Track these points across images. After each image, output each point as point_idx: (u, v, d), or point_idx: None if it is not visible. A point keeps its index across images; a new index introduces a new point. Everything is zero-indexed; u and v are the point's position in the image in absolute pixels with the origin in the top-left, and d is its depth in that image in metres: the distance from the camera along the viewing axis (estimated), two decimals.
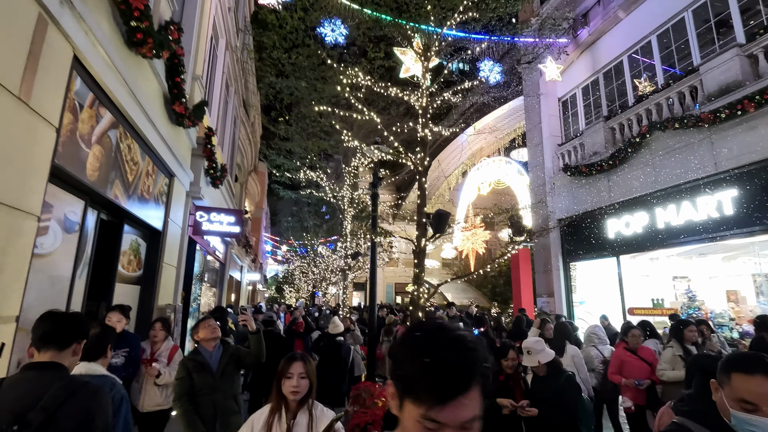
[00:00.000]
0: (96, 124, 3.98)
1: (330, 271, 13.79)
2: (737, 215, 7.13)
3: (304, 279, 20.17)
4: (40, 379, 1.61)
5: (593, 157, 10.24)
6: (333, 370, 5.69)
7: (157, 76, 5.43)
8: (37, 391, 1.56)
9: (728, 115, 7.00)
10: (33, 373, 1.64)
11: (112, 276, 5.00)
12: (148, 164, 5.54)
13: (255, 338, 3.41)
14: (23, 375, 1.64)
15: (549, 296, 11.77)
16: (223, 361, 3.25)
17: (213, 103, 10.09)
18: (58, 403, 1.54)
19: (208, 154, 8.08)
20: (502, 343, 3.51)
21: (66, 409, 1.55)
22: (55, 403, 1.54)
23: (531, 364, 3.16)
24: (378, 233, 6.49)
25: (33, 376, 1.62)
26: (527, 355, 3.21)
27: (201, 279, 10.27)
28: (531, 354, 3.17)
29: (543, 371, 3.18)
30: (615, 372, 4.59)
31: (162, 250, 6.26)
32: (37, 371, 1.65)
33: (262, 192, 30.25)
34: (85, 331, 1.88)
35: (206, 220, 7.93)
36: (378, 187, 7.46)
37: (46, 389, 1.57)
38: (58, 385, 1.59)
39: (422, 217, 5.02)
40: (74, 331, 1.79)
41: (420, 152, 5.14)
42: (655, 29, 9.51)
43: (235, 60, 13.62)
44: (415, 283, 4.87)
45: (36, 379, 1.61)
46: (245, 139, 19.04)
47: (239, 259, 17.90)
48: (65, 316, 1.84)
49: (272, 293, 44.52)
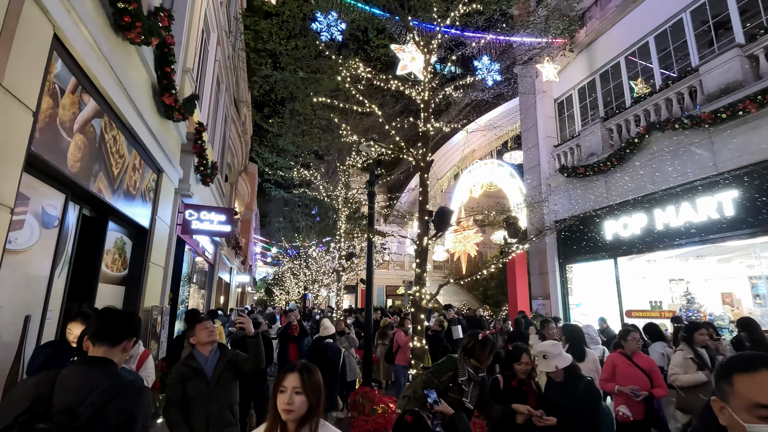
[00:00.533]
0: (78, 112, 3.70)
1: (322, 273, 13.53)
2: (738, 216, 7.07)
3: (295, 281, 19.82)
4: (92, 373, 1.71)
5: (590, 158, 10.16)
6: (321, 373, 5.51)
7: (145, 65, 5.15)
8: (89, 385, 1.65)
9: (729, 115, 6.94)
10: (86, 367, 1.74)
11: (94, 276, 4.71)
12: (134, 158, 5.25)
13: (253, 343, 3.09)
14: (77, 368, 1.73)
15: (545, 299, 11.65)
16: (219, 368, 2.97)
17: (204, 99, 9.80)
18: (106, 400, 1.62)
19: (199, 151, 7.79)
20: (514, 346, 3.31)
21: (113, 406, 1.63)
22: (103, 400, 1.62)
23: (548, 370, 2.97)
24: (375, 232, 6.27)
25: (85, 370, 1.72)
26: (543, 360, 3.01)
27: (189, 280, 9.93)
28: (548, 358, 2.98)
29: (560, 377, 2.98)
30: (607, 379, 4.01)
31: (149, 249, 5.96)
32: (89, 365, 1.75)
33: (252, 193, 29.82)
34: (135, 329, 1.98)
35: (196, 219, 7.63)
36: (375, 186, 7.25)
37: (96, 384, 1.66)
38: (107, 382, 1.68)
39: (424, 214, 4.82)
40: (127, 330, 1.89)
41: (421, 147, 4.95)
42: (652, 30, 9.48)
43: (227, 57, 13.33)
44: (417, 284, 4.66)
45: (88, 373, 1.71)
46: (236, 138, 18.69)
47: (228, 261, 17.53)
48: (120, 314, 1.95)
49: (261, 295, 44.00)
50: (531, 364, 3.18)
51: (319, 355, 5.69)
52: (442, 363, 3.29)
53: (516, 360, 3.18)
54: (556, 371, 2.94)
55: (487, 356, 3.27)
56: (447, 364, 3.26)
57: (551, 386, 3.03)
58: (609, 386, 3.94)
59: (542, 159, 12.07)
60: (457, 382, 3.18)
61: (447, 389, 3.19)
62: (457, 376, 3.18)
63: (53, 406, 1.56)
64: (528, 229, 12.17)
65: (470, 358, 3.25)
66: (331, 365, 5.65)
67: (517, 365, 3.16)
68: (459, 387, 3.18)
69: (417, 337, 4.46)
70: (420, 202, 4.91)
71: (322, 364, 5.74)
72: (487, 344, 3.30)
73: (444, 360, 3.33)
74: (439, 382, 3.18)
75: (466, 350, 3.32)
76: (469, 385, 3.17)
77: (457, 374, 3.19)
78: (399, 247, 31.55)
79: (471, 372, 3.19)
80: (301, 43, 6.15)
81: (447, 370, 3.20)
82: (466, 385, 3.16)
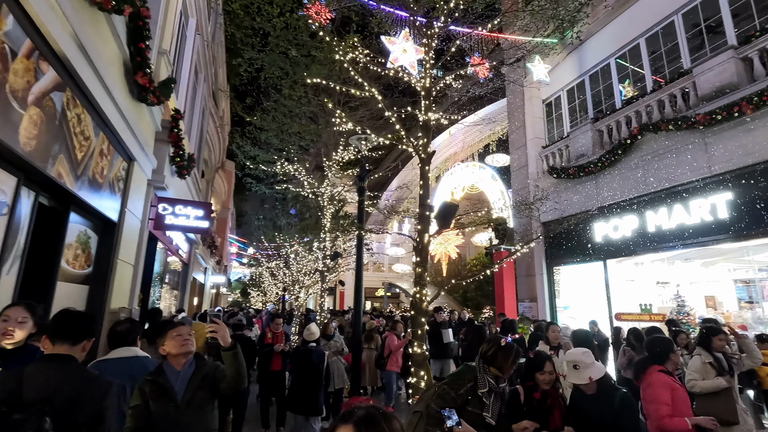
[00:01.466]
0: (34, 81, 3.17)
1: (304, 274, 12.99)
2: (731, 219, 7.02)
3: (274, 282, 19.15)
4: (58, 369, 1.82)
5: (580, 160, 10.06)
6: (305, 378, 5.23)
7: (116, 38, 4.62)
8: (56, 379, 1.78)
9: (724, 117, 6.89)
10: (51, 363, 1.84)
11: (52, 273, 4.14)
12: (102, 142, 4.69)
13: (231, 357, 2.41)
14: (42, 365, 1.84)
15: (531, 301, 11.49)
16: (193, 386, 2.35)
17: (180, 87, 9.19)
18: (79, 392, 1.77)
19: (175, 140, 7.22)
20: (536, 353, 2.98)
21: (85, 397, 1.77)
22: (77, 391, 1.76)
23: (580, 382, 2.64)
24: (366, 229, 5.88)
25: (51, 366, 1.83)
26: (574, 371, 2.69)
27: (162, 280, 9.28)
28: (579, 369, 2.65)
29: (593, 389, 2.66)
30: (672, 412, 2.87)
31: (117, 244, 5.39)
32: (54, 362, 1.85)
33: (229, 191, 28.87)
34: (94, 330, 2.09)
35: (170, 214, 7.06)
36: (365, 181, 6.86)
37: (64, 378, 1.79)
38: (78, 375, 1.83)
39: (425, 209, 4.46)
40: (86, 330, 2.01)
41: (422, 137, 4.60)
42: (643, 32, 9.45)
43: (206, 45, 12.69)
44: (417, 285, 4.29)
45: (54, 369, 1.82)
46: (213, 133, 17.93)
47: (203, 261, 16.76)
48: (81, 315, 2.08)
49: (236, 297, 42.81)
50: (555, 374, 2.85)
51: (304, 360, 5.38)
52: (460, 373, 2.92)
53: (538, 369, 2.84)
54: (588, 383, 2.62)
55: (511, 365, 2.92)
56: (465, 375, 2.89)
57: (580, 399, 2.70)
58: (681, 423, 2.83)
59: (530, 160, 11.94)
60: (477, 394, 2.83)
61: (465, 403, 2.83)
62: (477, 388, 2.83)
63: (24, 399, 1.68)
64: (519, 230, 12.00)
65: (490, 367, 2.90)
66: (316, 369, 5.32)
67: (539, 375, 2.83)
68: (479, 400, 2.82)
69: (417, 343, 4.09)
70: (420, 196, 4.55)
71: (307, 369, 5.32)
72: (511, 351, 2.94)
73: (461, 369, 2.96)
74: (457, 395, 2.81)
75: (486, 358, 2.96)
76: (490, 397, 2.83)
77: (476, 385, 2.84)
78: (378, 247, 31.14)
79: (492, 382, 2.83)
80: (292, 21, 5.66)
81: (465, 381, 2.83)
82: (486, 398, 2.81)
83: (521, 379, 2.99)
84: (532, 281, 11.39)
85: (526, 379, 2.91)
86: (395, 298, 40.05)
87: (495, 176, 26.25)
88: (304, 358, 5.40)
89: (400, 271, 36.29)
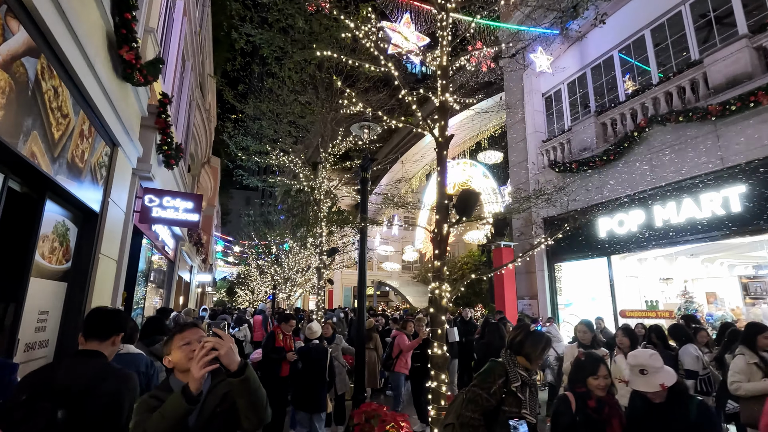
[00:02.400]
0: (2, 41, 2.70)
1: (296, 271, 12.48)
2: (745, 212, 6.83)
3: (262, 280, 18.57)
4: (86, 364, 2.08)
5: (583, 153, 9.82)
6: (309, 375, 5.02)
7: (99, 6, 4.12)
8: (84, 373, 2.02)
9: (739, 107, 6.68)
10: (80, 359, 2.12)
11: (25, 268, 3.64)
12: (83, 122, 4.20)
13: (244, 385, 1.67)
14: (74, 360, 2.13)
15: (531, 298, 11.24)
16: (208, 409, 1.75)
17: (167, 73, 8.64)
18: (96, 383, 1.99)
19: (162, 126, 6.70)
20: (587, 354, 2.62)
21: (101, 389, 1.98)
22: (94, 383, 1.98)
23: (649, 389, 2.29)
24: (370, 221, 5.49)
25: (80, 361, 2.10)
26: (640, 377, 2.34)
27: (147, 278, 8.73)
28: (648, 374, 2.30)
29: (662, 397, 2.32)
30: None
31: (99, 237, 4.88)
32: (83, 357, 2.13)
33: (215, 188, 28.08)
34: (123, 326, 2.36)
35: (157, 206, 6.54)
36: (368, 171, 6.46)
37: (84, 371, 2.03)
38: (96, 369, 2.06)
39: (444, 198, 4.09)
40: (114, 327, 2.28)
41: (438, 120, 4.22)
42: (649, 23, 9.24)
43: (194, 32, 12.10)
44: (436, 280, 3.92)
45: (82, 363, 2.09)
46: (200, 127, 17.29)
47: (189, 258, 16.13)
48: (108, 313, 2.35)
49: (221, 296, 41.93)
50: (610, 379, 2.50)
51: (306, 357, 5.19)
52: (488, 370, 2.59)
53: (591, 372, 2.49)
54: (659, 391, 2.27)
55: (540, 353, 2.64)
56: (494, 371, 2.56)
57: (646, 409, 2.34)
58: None
59: (530, 154, 11.68)
60: (511, 390, 2.49)
61: (501, 402, 2.49)
62: (510, 382, 2.50)
63: (54, 389, 1.90)
64: (518, 226, 11.74)
65: (518, 357, 2.61)
66: (318, 365, 5.13)
67: (592, 380, 2.48)
68: (514, 397, 2.50)
69: (437, 343, 3.72)
70: (438, 183, 4.18)
71: (310, 366, 5.01)
72: (541, 338, 2.66)
73: (489, 366, 2.62)
74: (489, 395, 2.48)
75: (513, 346, 2.65)
76: (524, 391, 2.53)
77: (509, 380, 2.51)
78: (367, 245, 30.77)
79: (523, 374, 2.54)
80: None
81: (496, 378, 2.51)
82: (521, 393, 2.50)
83: (570, 384, 2.64)
84: (532, 278, 11.14)
85: (576, 384, 2.56)
86: (384, 297, 39.72)
87: (486, 173, 26.08)
88: (306, 356, 5.22)
89: (390, 269, 35.99)
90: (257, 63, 8.16)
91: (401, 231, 39.21)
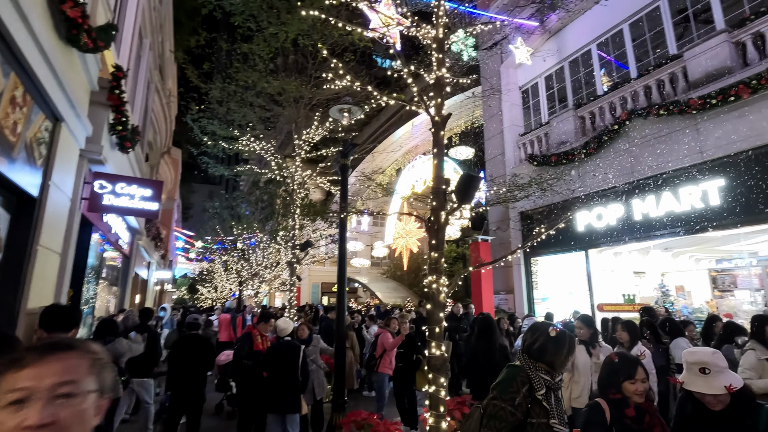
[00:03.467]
0: None
1: (265, 267, 11.79)
2: (724, 206, 6.88)
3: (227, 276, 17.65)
4: None
5: (561, 147, 9.75)
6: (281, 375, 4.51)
7: None
8: None
9: (720, 100, 6.70)
10: None
11: None
12: (14, 86, 3.51)
13: None
14: None
15: (507, 293, 11.14)
16: None
17: (123, 45, 7.78)
18: None
19: (116, 104, 5.94)
20: (621, 356, 2.30)
21: None
22: None
23: (712, 391, 1.98)
24: (352, 211, 5.04)
25: None
26: (700, 376, 2.03)
27: (98, 274, 7.88)
28: (710, 374, 2.00)
29: (723, 403, 2.02)
30: None
31: (37, 227, 4.17)
32: None
33: (176, 180, 26.55)
34: (79, 321, 2.85)
35: (109, 192, 5.80)
36: (349, 158, 5.99)
37: None
38: None
39: (441, 183, 3.70)
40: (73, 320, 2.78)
41: (434, 98, 3.83)
42: (627, 17, 9.24)
43: (152, 8, 11.13)
44: (432, 273, 3.53)
45: None
46: (160, 113, 16.14)
47: (147, 254, 15.03)
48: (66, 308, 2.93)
49: (182, 294, 40.08)
50: (648, 383, 2.20)
51: (278, 356, 4.65)
52: (508, 379, 2.20)
53: (627, 376, 2.17)
54: (721, 395, 1.97)
55: (566, 359, 2.27)
56: (516, 378, 2.18)
57: (700, 417, 2.04)
58: None
59: (507, 148, 11.55)
60: (536, 398, 2.14)
61: (527, 415, 2.13)
62: (534, 390, 2.13)
63: None
64: (494, 219, 11.60)
65: (538, 362, 2.22)
66: (290, 364, 4.57)
67: (629, 384, 2.16)
68: (540, 406, 2.14)
69: (435, 343, 3.34)
70: (435, 167, 3.79)
71: (282, 365, 4.51)
72: (563, 343, 2.26)
73: (509, 373, 2.24)
74: (515, 408, 2.11)
75: (533, 352, 2.25)
76: (549, 398, 2.16)
77: (533, 387, 2.14)
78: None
79: (547, 379, 2.17)
80: None
81: (519, 387, 2.13)
82: (546, 400, 2.14)
83: (601, 391, 2.31)
84: (509, 272, 11.03)
85: (609, 390, 2.23)
86: (353, 293, 39.20)
87: (458, 169, 26.07)
88: (278, 355, 4.68)
89: (359, 265, 35.47)
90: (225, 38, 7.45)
91: (371, 227, 38.84)
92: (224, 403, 6.73)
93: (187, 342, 5.06)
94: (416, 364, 5.51)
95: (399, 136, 31.49)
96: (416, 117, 27.77)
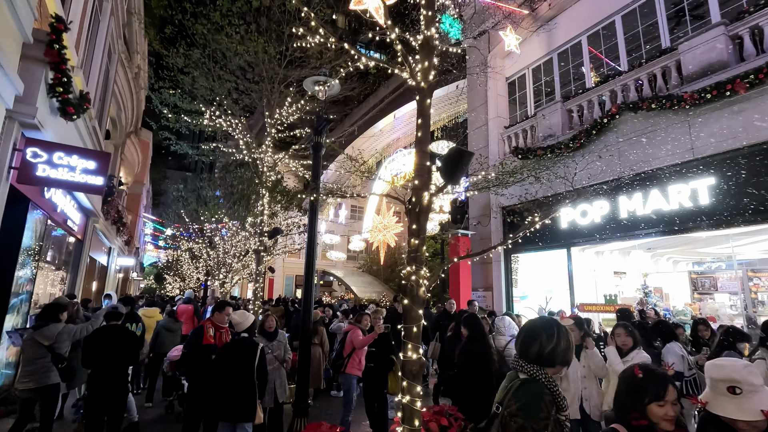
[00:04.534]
0: None
1: (232, 255, 11.07)
2: (714, 205, 6.63)
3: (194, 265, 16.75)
4: None
5: (547, 140, 9.40)
6: (234, 377, 3.91)
7: None
8: None
9: (715, 95, 6.42)
10: None
11: None
12: None
13: None
14: None
15: (486, 290, 10.79)
16: None
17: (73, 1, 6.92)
18: None
19: (56, 61, 5.18)
20: (645, 369, 1.83)
21: None
22: None
23: (745, 417, 1.55)
24: (328, 192, 4.49)
25: None
26: (729, 397, 1.60)
27: (39, 256, 7.05)
28: (742, 394, 1.57)
29: (760, 430, 1.60)
30: None
31: None
32: None
33: (144, 163, 25.23)
34: None
35: (44, 162, 5.06)
36: (323, 136, 5.42)
37: None
38: None
39: (425, 159, 3.19)
40: None
41: (421, 61, 3.30)
42: (620, 9, 8.92)
43: None
44: (412, 263, 3.02)
45: None
46: (125, 88, 15.05)
47: (106, 239, 14.02)
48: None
49: (149, 283, 38.52)
50: (679, 405, 1.74)
51: (232, 354, 4.06)
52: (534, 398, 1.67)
53: (655, 397, 1.71)
54: (761, 420, 1.55)
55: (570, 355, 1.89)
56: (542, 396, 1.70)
57: None
58: None
59: (491, 140, 11.16)
60: (559, 420, 1.71)
61: None
62: (560, 410, 1.72)
63: None
64: (475, 214, 11.21)
65: (546, 369, 1.80)
66: (245, 364, 3.97)
67: (656, 407, 1.70)
68: (559, 425, 1.71)
69: (411, 345, 2.83)
70: (418, 140, 3.28)
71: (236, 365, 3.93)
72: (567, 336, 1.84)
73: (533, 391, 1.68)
74: None
75: (544, 358, 1.78)
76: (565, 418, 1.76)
77: (559, 408, 1.72)
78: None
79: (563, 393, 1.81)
80: None
81: (548, 407, 1.67)
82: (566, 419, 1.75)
83: (620, 413, 1.84)
84: (488, 269, 10.67)
85: (630, 414, 1.77)
86: (328, 287, 38.51)
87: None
88: (232, 353, 4.07)
89: (335, 258, 34.85)
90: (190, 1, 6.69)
91: (348, 219, 38.20)
92: (175, 403, 6.08)
93: (104, 334, 4.40)
94: (389, 365, 5.01)
95: (379, 129, 30.92)
96: (398, 109, 27.25)
